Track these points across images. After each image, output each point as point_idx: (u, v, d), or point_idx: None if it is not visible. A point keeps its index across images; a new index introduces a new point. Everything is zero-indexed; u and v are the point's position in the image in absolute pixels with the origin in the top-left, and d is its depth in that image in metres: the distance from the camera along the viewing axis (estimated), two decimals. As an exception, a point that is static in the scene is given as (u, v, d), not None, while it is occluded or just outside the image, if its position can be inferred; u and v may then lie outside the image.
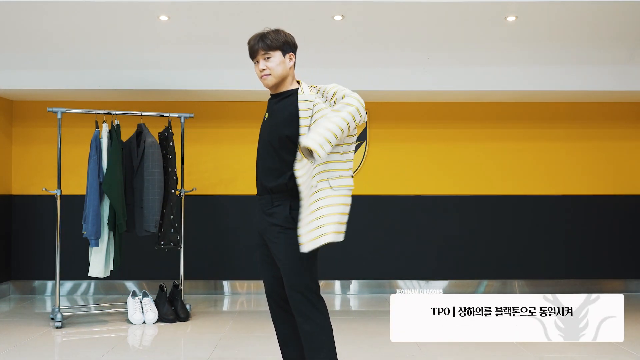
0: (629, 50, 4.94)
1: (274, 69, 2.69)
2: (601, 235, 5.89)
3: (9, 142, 5.77)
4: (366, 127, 5.86)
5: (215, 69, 5.11)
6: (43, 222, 5.67)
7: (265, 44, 2.68)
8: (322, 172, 2.58)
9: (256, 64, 2.74)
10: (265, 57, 2.69)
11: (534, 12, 4.33)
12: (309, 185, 2.58)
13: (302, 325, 2.66)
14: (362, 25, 4.56)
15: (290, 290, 2.66)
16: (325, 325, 2.67)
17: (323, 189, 2.56)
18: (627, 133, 5.95)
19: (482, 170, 5.88)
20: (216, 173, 5.79)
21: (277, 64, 2.69)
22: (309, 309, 2.64)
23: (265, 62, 2.69)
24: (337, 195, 2.57)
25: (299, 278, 2.65)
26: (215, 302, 5.51)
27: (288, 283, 2.67)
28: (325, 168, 2.59)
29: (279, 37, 2.70)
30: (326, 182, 2.57)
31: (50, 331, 4.39)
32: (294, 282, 2.65)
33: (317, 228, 2.52)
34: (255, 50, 2.71)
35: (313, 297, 2.67)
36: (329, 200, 2.54)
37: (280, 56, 2.70)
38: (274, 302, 2.85)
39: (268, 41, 2.68)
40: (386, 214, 5.83)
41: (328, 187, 2.56)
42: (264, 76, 2.71)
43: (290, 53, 2.74)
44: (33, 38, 4.70)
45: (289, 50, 2.74)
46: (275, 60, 2.69)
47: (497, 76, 5.14)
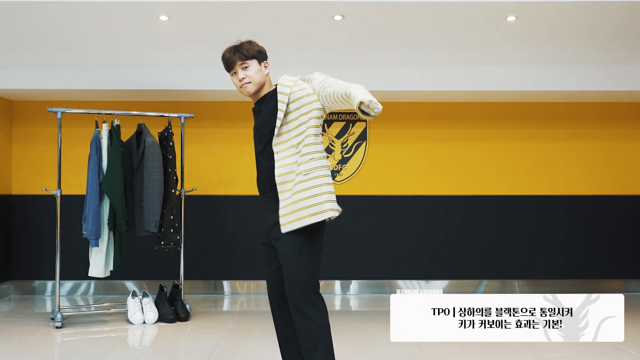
0: (629, 50, 4.94)
1: (253, 77, 2.78)
2: (601, 235, 5.89)
3: (9, 142, 5.77)
4: (366, 127, 5.86)
5: (215, 69, 5.08)
6: (43, 222, 5.67)
7: (242, 54, 2.78)
8: (298, 163, 2.65)
9: (234, 75, 2.82)
10: (243, 66, 2.78)
11: (534, 12, 4.34)
12: (289, 169, 2.65)
13: (299, 322, 2.68)
14: (362, 25, 4.56)
15: (289, 286, 2.68)
16: (322, 323, 2.68)
17: (298, 174, 2.64)
18: (627, 133, 5.95)
19: (482, 170, 5.88)
20: (216, 173, 5.79)
21: (255, 72, 2.78)
22: (307, 306, 2.66)
23: (244, 71, 2.78)
24: (308, 179, 2.63)
25: (299, 274, 2.67)
26: (215, 302, 5.51)
27: (287, 278, 2.69)
28: (299, 160, 2.65)
29: (253, 47, 2.81)
30: (300, 171, 2.64)
31: (50, 331, 4.39)
32: (294, 277, 2.67)
33: (293, 212, 2.62)
34: (232, 62, 2.79)
35: (312, 294, 2.68)
36: (300, 186, 2.62)
37: (257, 64, 2.79)
38: (276, 302, 2.87)
39: (244, 51, 2.78)
40: (386, 214, 5.83)
41: (299, 173, 2.64)
42: (244, 85, 2.79)
43: (265, 61, 2.84)
44: (33, 38, 4.70)
45: (263, 59, 2.83)
46: (253, 68, 2.78)
47: (497, 76, 5.14)
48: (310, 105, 2.69)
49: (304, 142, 2.66)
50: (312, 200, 2.61)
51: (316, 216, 2.61)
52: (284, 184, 2.66)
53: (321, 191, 2.62)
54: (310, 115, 2.68)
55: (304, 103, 2.69)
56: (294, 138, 2.67)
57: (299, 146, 2.66)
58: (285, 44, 4.72)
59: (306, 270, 2.68)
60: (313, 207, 2.61)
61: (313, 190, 2.62)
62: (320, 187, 2.63)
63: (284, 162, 2.67)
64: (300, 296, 2.65)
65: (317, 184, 2.63)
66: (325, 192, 2.63)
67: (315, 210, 2.61)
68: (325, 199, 2.62)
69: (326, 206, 2.62)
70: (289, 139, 2.68)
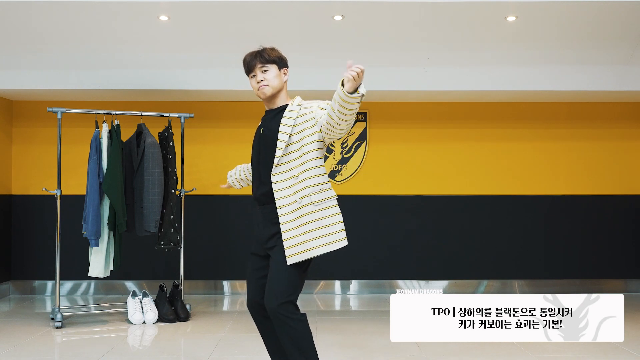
0: (629, 50, 4.94)
1: (271, 80, 2.80)
2: (601, 235, 5.89)
3: (9, 142, 5.77)
4: (366, 127, 5.86)
5: (215, 69, 5.11)
6: (43, 222, 5.67)
7: (263, 58, 2.81)
8: (304, 188, 2.67)
9: (252, 78, 2.84)
10: (262, 69, 2.80)
11: (534, 12, 4.34)
12: (291, 199, 2.67)
13: (281, 332, 2.66)
14: (362, 25, 4.56)
15: (270, 296, 2.65)
16: (303, 331, 2.66)
17: (305, 205, 2.66)
18: (627, 133, 5.95)
19: (482, 170, 5.88)
20: (216, 173, 5.79)
21: (273, 76, 2.81)
22: (287, 316, 2.64)
23: (263, 74, 2.80)
24: (320, 209, 2.67)
25: (282, 285, 2.65)
26: (215, 302, 5.51)
27: (270, 286, 2.67)
28: (307, 184, 2.68)
29: (274, 53, 2.85)
30: (308, 198, 2.67)
31: (50, 331, 4.39)
32: (276, 285, 2.65)
33: (303, 242, 2.63)
34: (253, 65, 2.82)
35: (292, 306, 2.66)
36: (312, 216, 2.66)
37: (276, 69, 2.82)
38: (255, 311, 2.84)
39: (266, 55, 2.81)
40: (386, 214, 5.83)
41: (310, 204, 2.67)
42: (261, 87, 2.80)
43: (285, 68, 2.86)
44: (33, 38, 4.70)
45: (284, 66, 2.86)
46: (272, 72, 2.81)
47: (497, 76, 5.14)
48: (312, 137, 2.70)
49: (308, 171, 2.69)
50: (326, 230, 2.66)
51: (330, 246, 2.67)
52: (286, 210, 2.67)
53: (334, 221, 2.68)
54: (313, 147, 2.70)
55: (306, 134, 2.70)
56: (295, 169, 2.69)
57: (299, 176, 2.68)
58: (285, 44, 4.67)
59: (290, 283, 2.67)
60: (326, 237, 2.66)
61: (326, 220, 2.67)
62: (333, 217, 2.69)
63: (285, 193, 2.68)
64: (278, 305, 2.63)
65: (330, 214, 2.68)
66: (338, 221, 2.70)
67: (328, 240, 2.66)
68: (339, 228, 2.69)
69: (340, 235, 2.69)
70: (289, 169, 2.70)
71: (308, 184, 2.68)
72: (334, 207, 2.70)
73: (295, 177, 2.68)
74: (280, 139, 2.71)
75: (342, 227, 2.70)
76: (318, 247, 2.64)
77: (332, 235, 2.66)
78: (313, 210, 2.65)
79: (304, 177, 2.68)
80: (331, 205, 2.69)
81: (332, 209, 2.69)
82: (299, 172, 2.68)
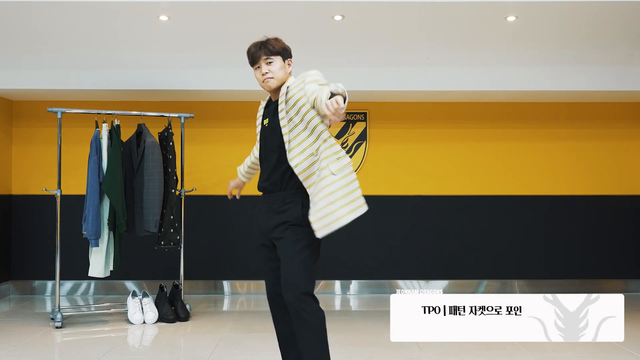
0: (629, 50, 4.94)
1: (276, 72, 2.78)
2: (601, 235, 5.89)
3: (9, 142, 5.77)
4: (366, 127, 5.86)
5: (215, 69, 5.11)
6: (43, 222, 5.67)
7: (268, 49, 2.79)
8: (322, 159, 2.66)
9: (257, 69, 2.83)
10: (267, 61, 2.79)
11: (534, 12, 4.33)
12: (310, 172, 2.66)
13: (296, 322, 2.67)
14: (362, 25, 4.56)
15: (286, 286, 2.67)
16: (318, 323, 2.67)
17: (326, 177, 2.63)
18: (627, 133, 5.95)
19: (482, 170, 5.88)
20: (216, 173, 5.79)
21: (278, 68, 2.79)
22: (303, 307, 2.64)
23: (268, 66, 2.79)
24: (340, 178, 2.65)
25: (297, 276, 2.66)
26: (215, 302, 5.51)
27: (285, 278, 2.68)
28: (325, 155, 2.67)
29: (278, 43, 2.83)
30: (327, 169, 2.65)
31: (50, 331, 4.39)
32: (292, 278, 2.66)
33: (330, 214, 2.60)
34: (258, 56, 2.80)
35: (308, 295, 2.67)
36: (334, 186, 2.63)
37: (281, 61, 2.81)
38: (275, 302, 2.86)
39: (270, 47, 2.79)
40: (386, 214, 5.82)
41: (330, 174, 2.64)
42: (266, 79, 2.79)
43: (289, 59, 2.86)
44: (33, 38, 4.70)
45: (288, 56, 2.85)
46: (277, 64, 2.79)
47: (497, 76, 5.14)
48: (310, 108, 2.69)
49: (324, 143, 2.68)
50: (349, 197, 2.64)
51: (355, 212, 2.65)
52: (312, 190, 2.67)
53: (355, 187, 2.67)
54: (317, 120, 2.69)
55: (305, 108, 2.69)
56: (310, 146, 2.68)
57: (317, 152, 2.67)
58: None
59: (304, 273, 2.67)
60: (350, 204, 2.64)
61: (347, 188, 2.65)
62: (353, 183, 2.67)
63: (308, 172, 2.68)
64: (296, 297, 2.64)
65: (350, 181, 2.67)
66: (357, 187, 2.68)
67: (353, 207, 2.64)
68: (359, 193, 2.68)
69: (361, 201, 2.67)
70: (305, 148, 2.69)
71: (326, 155, 2.66)
72: (352, 174, 2.68)
73: (314, 154, 2.67)
74: (282, 125, 2.70)
75: (361, 192, 2.69)
76: (345, 216, 2.62)
77: (355, 202, 2.65)
78: (333, 181, 2.63)
79: (320, 150, 2.66)
80: (348, 172, 2.67)
81: (350, 175, 2.67)
82: (316, 148, 2.67)
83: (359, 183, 2.70)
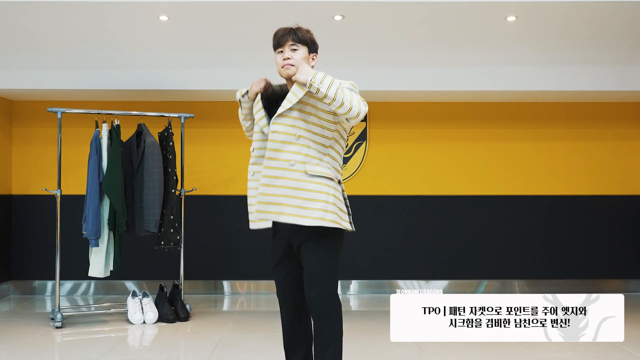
0: (629, 50, 4.94)
1: (298, 62, 2.69)
2: (601, 235, 5.89)
3: (9, 142, 5.77)
4: (366, 127, 5.86)
5: (215, 69, 5.11)
6: (43, 222, 5.67)
7: (297, 36, 2.70)
8: (302, 154, 2.59)
9: (279, 53, 2.73)
10: (292, 47, 2.70)
11: (534, 12, 4.33)
12: (279, 157, 2.59)
13: (317, 324, 2.66)
14: (362, 25, 4.56)
15: (312, 291, 2.64)
16: (337, 330, 2.68)
17: (296, 171, 2.58)
18: (627, 133, 5.95)
19: (482, 170, 5.88)
20: (216, 173, 5.79)
21: (301, 58, 2.70)
22: (325, 310, 2.64)
23: (291, 52, 2.70)
24: (308, 181, 2.58)
25: (323, 281, 2.64)
26: (215, 302, 5.51)
27: (311, 283, 2.65)
28: (307, 152, 2.61)
29: (309, 35, 2.75)
30: (302, 165, 2.58)
31: (50, 331, 4.39)
32: (318, 282, 2.64)
33: (255, 204, 2.62)
34: (284, 40, 2.70)
35: (333, 299, 2.67)
36: (296, 184, 2.57)
37: (306, 52, 2.73)
38: (285, 304, 2.83)
39: (300, 34, 2.71)
40: (386, 214, 5.83)
41: (302, 171, 2.58)
42: (286, 65, 2.69)
43: (314, 54, 2.78)
44: (33, 38, 4.70)
45: (314, 51, 2.78)
46: (301, 54, 2.71)
47: (497, 76, 5.14)
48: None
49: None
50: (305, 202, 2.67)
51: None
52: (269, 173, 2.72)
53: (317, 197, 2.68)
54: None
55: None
56: (300, 129, 2.68)
57: (300, 139, 2.64)
58: (285, 44, 4.72)
59: (331, 278, 2.65)
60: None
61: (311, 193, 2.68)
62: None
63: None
64: (321, 302, 2.62)
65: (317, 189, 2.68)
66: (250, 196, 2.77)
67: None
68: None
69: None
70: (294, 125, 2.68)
71: (304, 151, 2.61)
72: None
73: (297, 137, 2.61)
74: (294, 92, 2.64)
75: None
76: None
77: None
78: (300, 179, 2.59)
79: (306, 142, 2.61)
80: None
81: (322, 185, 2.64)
82: (300, 134, 2.61)
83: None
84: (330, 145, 2.67)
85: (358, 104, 2.56)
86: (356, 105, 2.55)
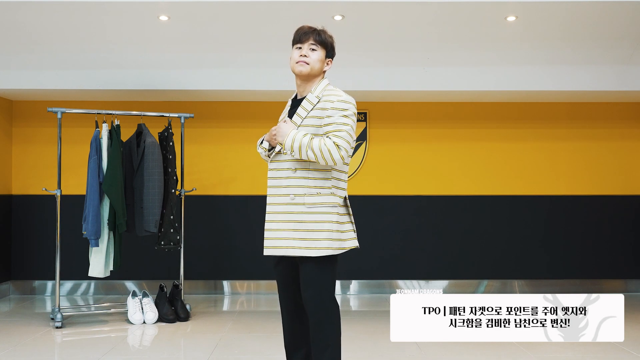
0: (629, 50, 4.94)
1: (314, 62, 2.72)
2: (601, 235, 5.89)
3: (9, 142, 5.77)
4: (366, 127, 5.86)
5: (215, 69, 5.11)
6: (43, 222, 5.67)
7: (319, 37, 2.73)
8: (300, 186, 2.66)
9: (297, 49, 2.75)
10: (311, 47, 2.73)
11: (535, 12, 4.33)
12: (281, 192, 2.68)
13: (315, 325, 2.69)
14: (362, 25, 4.56)
15: (307, 292, 2.68)
16: (335, 334, 2.71)
17: (297, 204, 2.65)
18: (627, 133, 5.95)
19: (482, 170, 5.88)
20: (216, 173, 5.79)
21: (318, 59, 2.73)
22: (323, 315, 2.67)
23: (310, 51, 2.72)
24: (309, 212, 2.64)
25: (319, 287, 2.68)
26: (215, 302, 5.51)
27: (307, 283, 2.69)
28: (305, 183, 2.66)
29: (331, 39, 2.79)
30: (301, 197, 2.65)
31: (50, 331, 4.39)
32: (313, 282, 2.68)
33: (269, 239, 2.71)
34: (306, 38, 2.73)
35: (329, 300, 2.71)
36: (298, 217, 2.64)
37: (323, 55, 2.75)
38: (286, 303, 2.85)
39: (323, 35, 2.74)
40: (386, 214, 5.82)
41: (302, 204, 2.65)
42: (301, 62, 2.72)
43: (330, 59, 2.80)
44: (33, 38, 4.70)
45: (331, 56, 2.80)
46: (318, 54, 2.73)
47: (497, 76, 5.14)
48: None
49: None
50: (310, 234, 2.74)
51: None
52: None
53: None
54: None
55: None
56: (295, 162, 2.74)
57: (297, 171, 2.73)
58: (285, 44, 4.70)
59: (328, 284, 2.72)
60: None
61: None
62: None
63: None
64: (319, 306, 2.67)
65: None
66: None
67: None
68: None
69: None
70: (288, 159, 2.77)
71: (302, 184, 2.67)
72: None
73: (294, 170, 2.68)
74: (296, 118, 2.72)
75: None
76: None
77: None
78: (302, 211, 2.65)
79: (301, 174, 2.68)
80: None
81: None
82: (296, 167, 2.67)
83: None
84: (331, 169, 2.70)
85: (330, 156, 2.59)
86: (329, 159, 2.59)
